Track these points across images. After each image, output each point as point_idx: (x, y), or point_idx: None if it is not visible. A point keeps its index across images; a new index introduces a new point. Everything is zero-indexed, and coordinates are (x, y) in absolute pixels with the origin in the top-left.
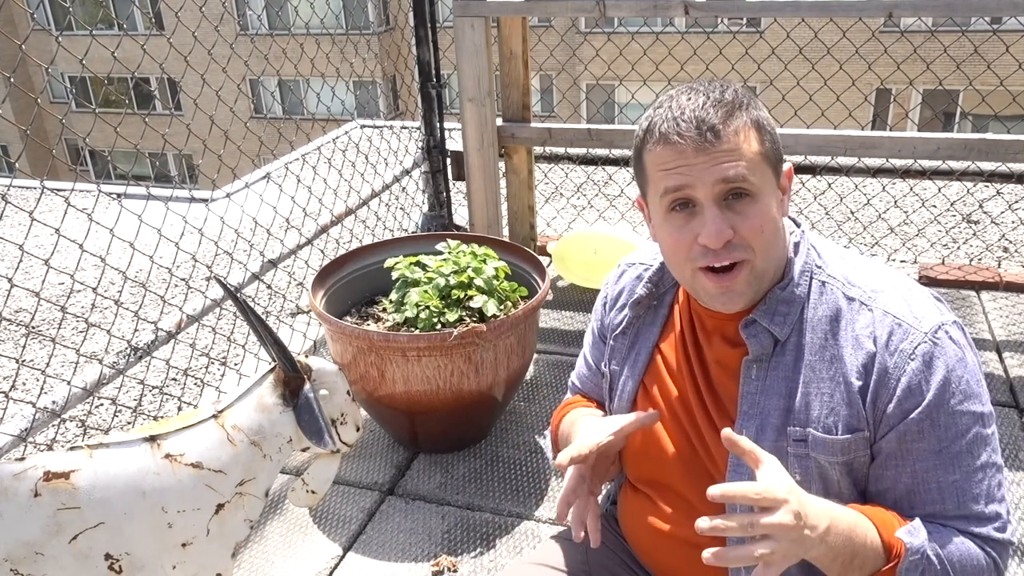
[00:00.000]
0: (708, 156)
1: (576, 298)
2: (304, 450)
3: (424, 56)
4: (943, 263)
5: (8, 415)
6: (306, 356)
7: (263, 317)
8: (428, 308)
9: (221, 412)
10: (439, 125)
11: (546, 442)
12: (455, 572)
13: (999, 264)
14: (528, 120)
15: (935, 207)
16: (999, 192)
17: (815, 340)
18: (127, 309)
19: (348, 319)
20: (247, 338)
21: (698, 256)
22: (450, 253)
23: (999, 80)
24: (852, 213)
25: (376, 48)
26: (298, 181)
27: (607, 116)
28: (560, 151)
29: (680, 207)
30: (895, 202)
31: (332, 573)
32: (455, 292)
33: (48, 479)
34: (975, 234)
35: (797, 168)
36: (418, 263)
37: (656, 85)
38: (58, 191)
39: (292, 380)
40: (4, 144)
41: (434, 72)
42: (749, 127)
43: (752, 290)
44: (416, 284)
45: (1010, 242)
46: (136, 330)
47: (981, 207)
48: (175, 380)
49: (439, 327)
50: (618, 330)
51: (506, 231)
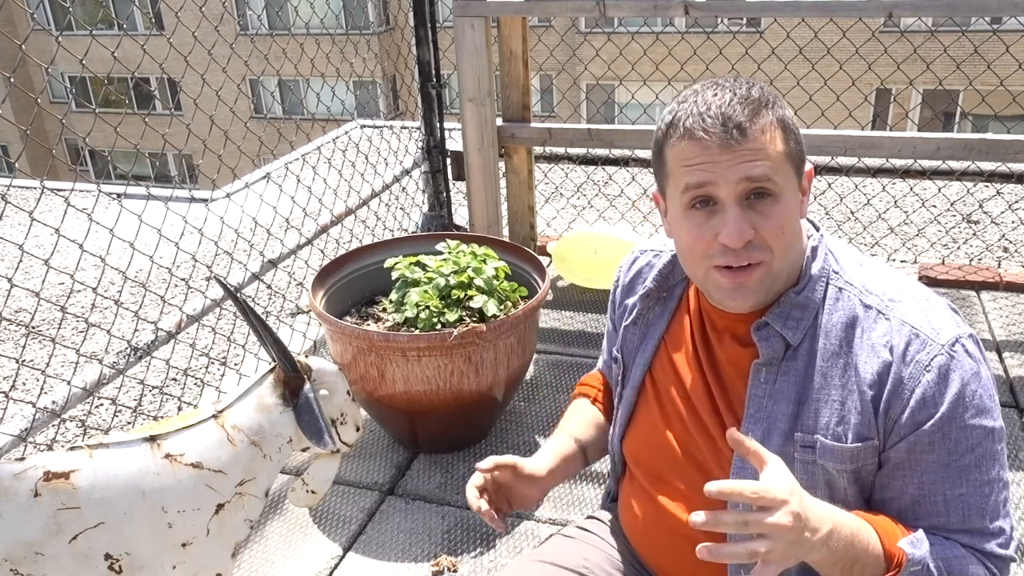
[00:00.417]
0: (733, 154)
1: (576, 298)
2: (304, 450)
3: (424, 56)
4: (943, 263)
5: (8, 415)
6: (306, 356)
7: (263, 317)
8: (428, 308)
9: (221, 412)
10: (439, 125)
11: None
12: (455, 572)
13: (999, 264)
14: (528, 120)
15: (935, 207)
16: (999, 192)
17: (828, 346)
18: (127, 309)
19: (348, 319)
20: (247, 338)
21: (716, 255)
22: (450, 253)
23: (999, 80)
24: (852, 213)
25: (376, 48)
26: (298, 181)
27: (607, 116)
28: (560, 151)
29: (700, 204)
30: (895, 202)
31: (332, 573)
32: (455, 292)
33: (48, 479)
34: (975, 234)
35: None
36: (418, 263)
37: (656, 85)
38: (58, 191)
39: (292, 380)
40: (4, 144)
41: (434, 72)
42: (775, 126)
43: (764, 289)
44: (416, 284)
45: (1010, 242)
46: (136, 330)
47: (981, 207)
48: (175, 380)
49: (439, 327)
50: (628, 320)
51: (506, 231)
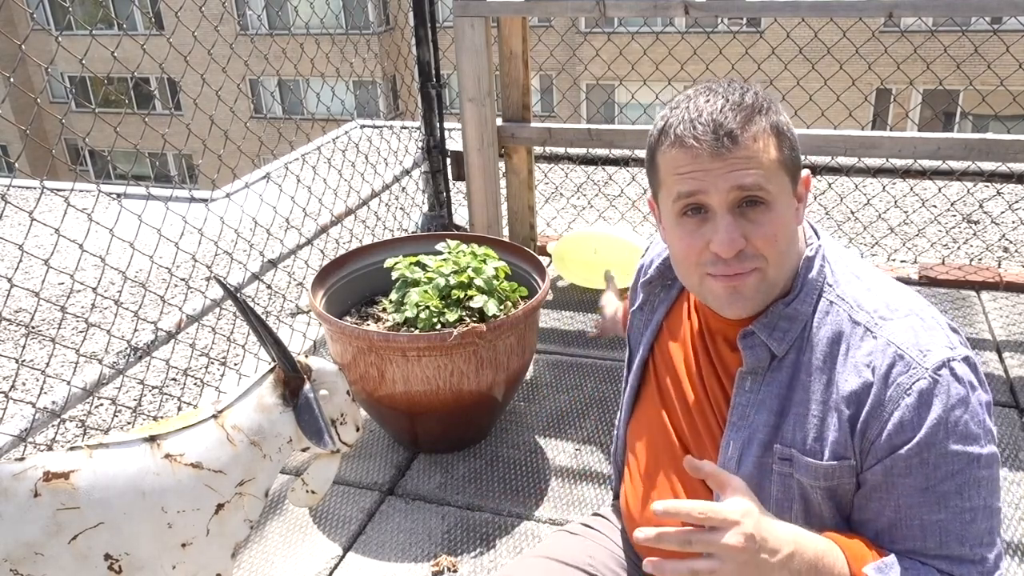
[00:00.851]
0: (724, 162)
1: (576, 298)
2: (304, 450)
3: (424, 56)
4: (943, 263)
5: (8, 415)
6: (306, 356)
7: (263, 317)
8: (428, 308)
9: (221, 412)
10: (439, 125)
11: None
12: (455, 572)
13: (999, 264)
14: (528, 120)
15: (935, 207)
16: (999, 192)
17: (813, 361)
18: (127, 309)
19: (348, 319)
20: (247, 338)
21: (708, 263)
22: (450, 253)
23: (999, 80)
24: (852, 213)
25: (376, 48)
26: (298, 181)
27: (607, 116)
28: (560, 151)
29: (692, 212)
30: (895, 202)
31: (332, 573)
32: (455, 292)
33: (48, 479)
34: (975, 234)
35: None
36: (418, 263)
37: (656, 85)
38: (58, 191)
39: (292, 380)
40: (4, 144)
41: (434, 72)
42: (768, 133)
43: (761, 296)
44: (416, 284)
45: (1010, 242)
46: (136, 330)
47: (981, 207)
48: (175, 380)
49: (439, 327)
50: (635, 306)
51: (506, 231)
